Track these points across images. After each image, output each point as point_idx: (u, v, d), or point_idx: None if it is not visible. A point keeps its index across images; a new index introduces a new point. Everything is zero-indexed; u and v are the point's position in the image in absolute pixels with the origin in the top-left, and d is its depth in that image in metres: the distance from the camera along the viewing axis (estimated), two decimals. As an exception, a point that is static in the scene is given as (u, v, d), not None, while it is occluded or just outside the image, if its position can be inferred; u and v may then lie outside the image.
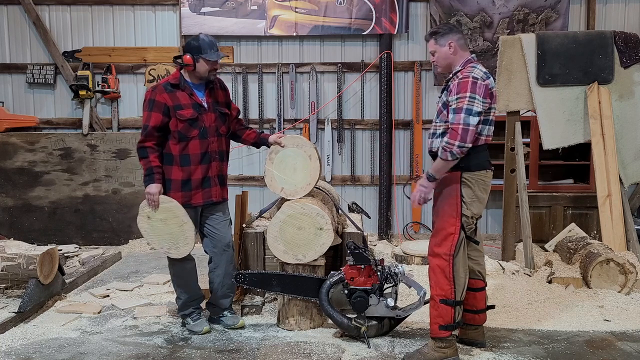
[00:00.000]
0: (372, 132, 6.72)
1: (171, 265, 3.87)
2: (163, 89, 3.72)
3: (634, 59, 5.22)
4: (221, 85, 3.97)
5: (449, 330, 3.28)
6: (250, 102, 6.77)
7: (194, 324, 3.85)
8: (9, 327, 3.90)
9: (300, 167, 3.90)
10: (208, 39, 3.70)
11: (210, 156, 3.76)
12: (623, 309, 4.19)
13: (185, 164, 3.70)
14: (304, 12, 6.53)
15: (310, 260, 3.80)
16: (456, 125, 3.10)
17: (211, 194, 3.79)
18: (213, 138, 3.78)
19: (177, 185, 3.71)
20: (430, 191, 3.30)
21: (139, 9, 6.70)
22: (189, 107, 3.70)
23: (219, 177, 3.84)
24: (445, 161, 3.16)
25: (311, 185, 3.89)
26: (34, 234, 6.28)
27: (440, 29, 3.42)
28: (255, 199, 6.57)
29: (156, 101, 3.68)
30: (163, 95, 3.69)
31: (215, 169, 3.80)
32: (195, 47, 3.66)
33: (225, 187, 3.93)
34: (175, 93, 3.70)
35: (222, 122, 3.86)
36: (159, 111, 3.67)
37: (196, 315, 3.90)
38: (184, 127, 3.68)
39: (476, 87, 3.16)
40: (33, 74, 6.71)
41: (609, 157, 5.13)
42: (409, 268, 5.14)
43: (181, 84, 3.73)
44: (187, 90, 3.74)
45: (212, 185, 3.79)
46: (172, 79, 3.76)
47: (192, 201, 3.74)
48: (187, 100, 3.72)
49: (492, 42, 6.50)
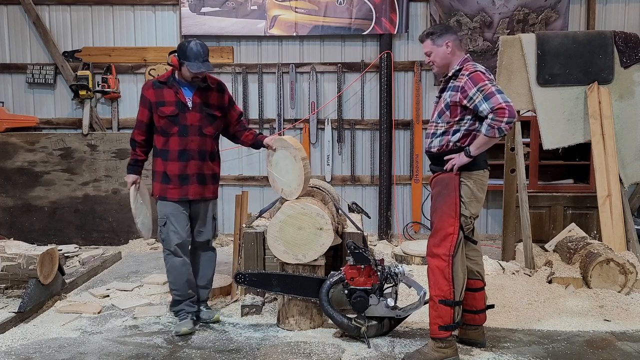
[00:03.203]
0: (372, 132, 6.72)
1: (165, 260, 3.94)
2: (151, 84, 3.85)
3: (634, 59, 5.22)
4: (219, 87, 3.97)
5: (448, 331, 3.28)
6: (250, 102, 6.77)
7: (179, 324, 3.85)
8: (9, 327, 3.90)
9: (290, 169, 3.92)
10: (196, 49, 3.69)
11: (189, 154, 3.81)
12: (623, 309, 4.19)
13: (165, 158, 3.82)
14: (304, 12, 6.53)
15: (310, 260, 3.80)
16: (498, 105, 3.10)
17: (188, 191, 3.83)
18: (194, 137, 3.81)
19: (159, 176, 3.86)
20: (462, 164, 3.26)
21: (139, 9, 6.70)
22: (172, 105, 3.78)
23: (199, 175, 3.85)
24: (491, 138, 3.16)
25: (301, 186, 3.87)
26: (34, 234, 6.28)
27: (436, 29, 3.43)
28: (255, 199, 6.57)
29: (144, 96, 3.84)
30: (149, 91, 3.82)
31: (194, 167, 3.83)
32: (182, 52, 3.71)
33: (209, 186, 3.94)
34: (162, 90, 3.80)
35: (209, 123, 3.88)
36: (144, 106, 3.84)
37: (183, 315, 3.91)
38: (165, 123, 3.79)
39: (487, 75, 3.22)
40: (33, 74, 6.70)
41: (609, 157, 5.13)
42: (409, 268, 5.15)
43: (169, 82, 3.81)
44: (174, 88, 3.80)
45: (190, 183, 3.83)
46: (162, 76, 3.88)
47: (168, 195, 3.83)
48: (172, 98, 3.79)
49: (492, 42, 6.50)
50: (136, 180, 3.96)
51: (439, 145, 3.36)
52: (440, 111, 3.38)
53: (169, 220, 3.83)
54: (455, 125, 3.31)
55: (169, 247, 3.86)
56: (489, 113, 3.12)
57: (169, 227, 3.84)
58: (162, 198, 3.85)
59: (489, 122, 3.12)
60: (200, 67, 3.70)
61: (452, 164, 3.28)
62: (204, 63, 3.70)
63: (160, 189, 3.85)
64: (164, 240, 3.89)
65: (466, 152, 3.24)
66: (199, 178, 3.86)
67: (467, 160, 3.25)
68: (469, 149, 3.23)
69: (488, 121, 3.13)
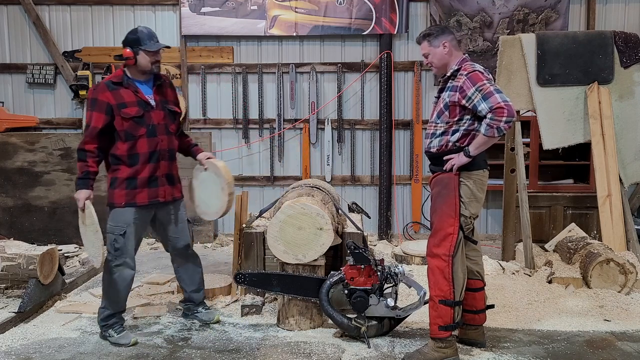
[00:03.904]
0: (372, 132, 6.72)
1: (108, 272, 3.64)
2: (105, 87, 3.55)
3: (634, 59, 5.22)
4: (170, 83, 3.85)
5: (448, 331, 3.28)
6: (250, 102, 6.77)
7: (119, 337, 3.63)
8: (9, 327, 3.90)
9: (214, 196, 3.82)
10: (147, 30, 3.58)
11: (160, 155, 3.64)
12: (623, 309, 4.19)
13: (133, 163, 3.57)
14: (304, 12, 6.53)
15: (310, 260, 3.80)
16: (497, 104, 3.09)
17: (158, 193, 3.66)
18: (162, 136, 3.65)
19: (122, 183, 3.58)
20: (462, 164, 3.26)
21: (139, 9, 6.70)
22: (134, 105, 3.56)
23: (167, 176, 3.71)
24: (490, 138, 3.16)
25: (219, 214, 3.85)
26: (34, 234, 6.28)
27: (432, 30, 3.43)
28: (255, 199, 6.57)
29: (99, 100, 3.52)
30: (106, 94, 3.53)
31: (164, 168, 3.69)
32: (134, 40, 3.54)
33: (177, 185, 3.81)
34: (118, 91, 3.55)
35: (172, 120, 3.75)
36: (101, 111, 3.51)
37: (119, 327, 3.68)
38: (130, 125, 3.54)
39: (485, 75, 3.22)
40: (33, 74, 6.70)
41: (609, 157, 5.13)
42: (409, 268, 5.15)
43: (124, 82, 3.58)
44: (132, 88, 3.59)
45: (160, 184, 3.66)
46: (115, 76, 3.61)
47: (137, 200, 3.59)
48: (132, 98, 3.57)
49: (492, 42, 6.50)
50: (89, 196, 3.54)
51: (438, 145, 3.36)
52: (439, 111, 3.38)
53: (129, 229, 3.58)
54: (455, 125, 3.31)
55: (124, 257, 3.61)
56: (488, 113, 3.12)
57: (127, 237, 3.59)
58: (129, 204, 3.57)
59: (487, 121, 3.13)
60: (158, 45, 3.57)
61: (451, 164, 3.28)
62: (158, 42, 3.61)
63: (126, 195, 3.57)
64: (117, 250, 3.59)
65: (465, 152, 3.24)
66: (169, 178, 3.72)
67: (467, 160, 3.25)
68: (469, 149, 3.23)
69: (487, 121, 3.13)
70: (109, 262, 3.63)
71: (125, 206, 3.58)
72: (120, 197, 3.58)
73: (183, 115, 6.62)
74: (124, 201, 3.58)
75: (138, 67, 3.60)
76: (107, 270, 3.66)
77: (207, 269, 5.34)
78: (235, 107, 6.75)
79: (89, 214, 3.54)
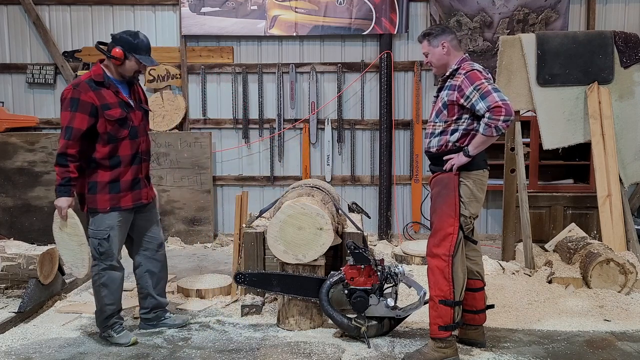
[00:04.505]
0: (372, 132, 6.72)
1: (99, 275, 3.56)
2: (87, 86, 3.38)
3: (634, 59, 5.22)
4: (138, 80, 3.75)
5: (448, 331, 3.28)
6: (250, 102, 6.77)
7: (119, 336, 3.61)
8: (9, 327, 3.90)
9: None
10: (147, 41, 3.50)
11: (141, 157, 3.60)
12: (623, 309, 4.19)
13: (115, 166, 3.47)
14: (304, 12, 6.53)
15: (310, 260, 3.80)
16: (495, 103, 3.09)
17: (141, 195, 3.61)
18: (142, 138, 3.61)
19: (104, 187, 3.46)
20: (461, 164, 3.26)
21: (139, 9, 6.70)
22: (117, 106, 3.44)
23: (146, 177, 3.70)
24: (488, 137, 3.16)
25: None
26: (34, 234, 6.28)
27: (432, 30, 3.44)
28: (255, 199, 6.57)
29: (81, 100, 3.34)
30: (89, 94, 3.36)
31: (145, 169, 3.66)
32: (130, 44, 3.41)
33: (151, 185, 3.77)
34: (100, 91, 3.41)
35: (147, 120, 3.72)
36: (85, 112, 3.34)
37: (119, 327, 3.65)
38: (114, 128, 3.42)
39: (483, 74, 3.22)
40: (33, 74, 6.71)
41: (609, 157, 5.13)
42: (409, 268, 5.15)
43: (105, 81, 3.44)
44: (113, 88, 3.46)
45: (142, 186, 3.63)
46: (95, 75, 3.45)
47: (122, 204, 3.51)
48: (114, 99, 3.44)
49: (492, 42, 6.50)
50: (71, 204, 3.42)
51: (438, 145, 3.36)
52: (437, 110, 3.38)
53: (112, 232, 3.50)
54: (453, 124, 3.31)
55: (110, 261, 3.54)
56: (486, 112, 3.12)
57: (112, 240, 3.51)
58: (114, 209, 3.49)
59: (486, 120, 3.13)
60: (153, 62, 3.52)
61: (451, 164, 3.28)
62: (152, 59, 3.54)
63: (110, 199, 3.47)
64: (103, 254, 3.51)
65: (465, 152, 3.24)
66: (147, 180, 3.70)
67: (466, 160, 3.25)
68: (468, 149, 3.23)
69: (485, 120, 3.13)
70: (95, 267, 3.57)
71: (110, 211, 3.50)
72: (103, 202, 3.48)
73: (183, 116, 6.65)
74: (109, 206, 3.49)
75: (120, 70, 3.49)
76: (95, 276, 3.59)
77: (207, 269, 5.38)
78: (235, 107, 6.75)
79: (74, 224, 3.45)
